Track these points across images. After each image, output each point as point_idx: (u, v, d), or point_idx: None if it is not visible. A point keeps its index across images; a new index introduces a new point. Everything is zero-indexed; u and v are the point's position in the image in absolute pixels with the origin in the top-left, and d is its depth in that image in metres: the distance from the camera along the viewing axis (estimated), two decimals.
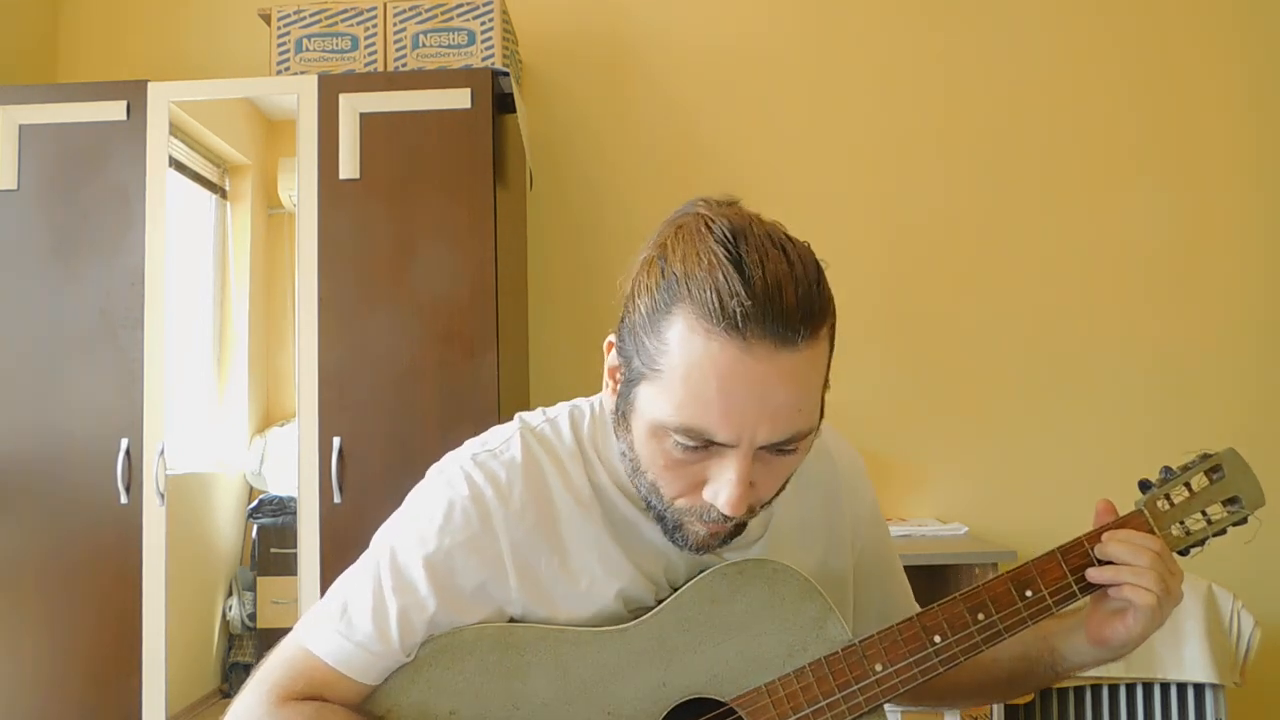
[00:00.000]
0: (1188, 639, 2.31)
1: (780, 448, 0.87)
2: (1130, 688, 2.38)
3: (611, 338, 0.95)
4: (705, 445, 0.86)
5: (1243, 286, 2.78)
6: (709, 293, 0.82)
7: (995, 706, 2.28)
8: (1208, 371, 2.75)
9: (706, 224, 0.86)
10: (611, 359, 0.95)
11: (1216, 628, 2.32)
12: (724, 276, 0.82)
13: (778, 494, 0.94)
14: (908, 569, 1.22)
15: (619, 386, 0.93)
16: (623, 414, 0.92)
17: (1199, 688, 2.34)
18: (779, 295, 0.82)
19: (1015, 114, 2.83)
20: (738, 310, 0.81)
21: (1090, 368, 2.77)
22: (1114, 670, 2.33)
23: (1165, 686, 2.36)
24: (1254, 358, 2.76)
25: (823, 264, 0.88)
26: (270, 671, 0.96)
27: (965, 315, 2.80)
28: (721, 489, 0.87)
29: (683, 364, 0.84)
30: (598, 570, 0.98)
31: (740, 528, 0.95)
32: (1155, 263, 2.78)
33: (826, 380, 0.90)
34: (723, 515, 0.89)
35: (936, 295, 2.80)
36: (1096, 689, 2.39)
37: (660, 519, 0.94)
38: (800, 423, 0.87)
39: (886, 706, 1.03)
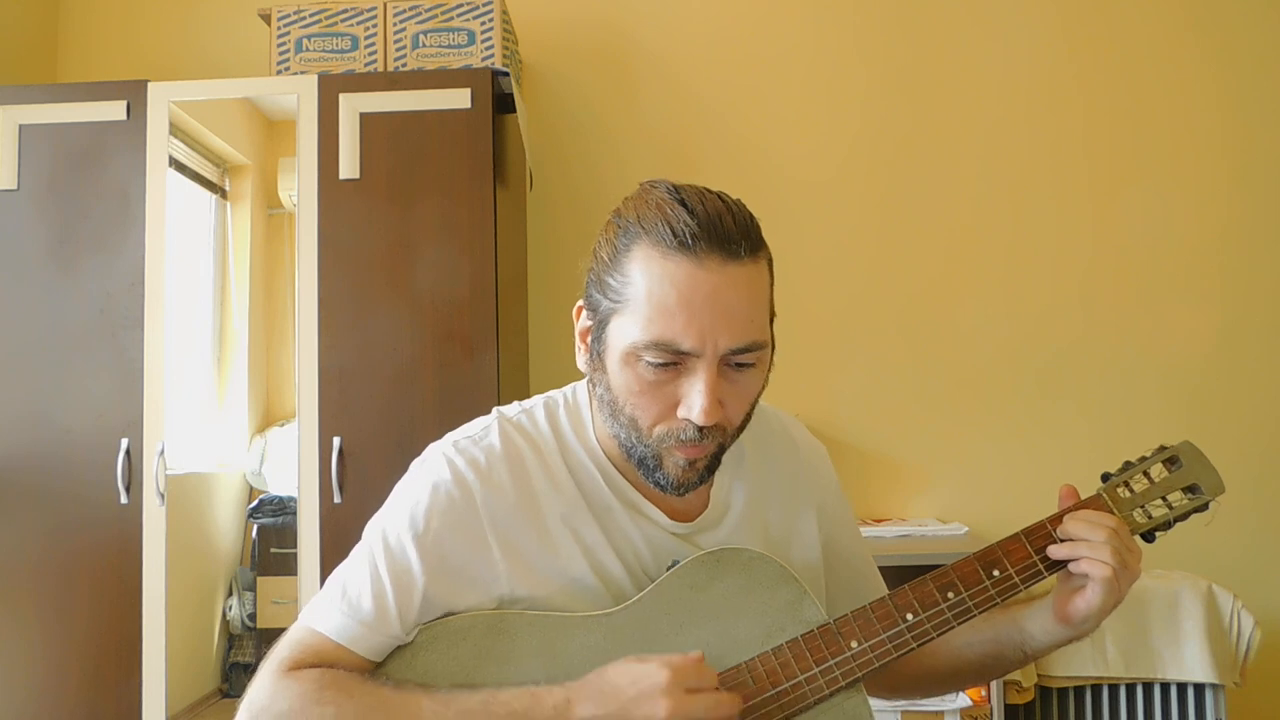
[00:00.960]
0: (1188, 639, 2.31)
1: (740, 360, 0.96)
2: (1130, 688, 2.38)
3: (579, 303, 1.04)
4: (674, 362, 0.95)
5: (1241, 286, 2.77)
6: (661, 224, 0.95)
7: (995, 706, 2.28)
8: (1207, 372, 2.75)
9: (651, 185, 1.01)
10: (581, 322, 1.04)
11: (1216, 628, 2.33)
12: (671, 211, 0.95)
13: (744, 425, 1.02)
14: (909, 569, 1.23)
15: (591, 336, 1.01)
16: (597, 355, 1.00)
17: (1199, 688, 2.34)
18: (719, 220, 0.95)
19: (1015, 112, 2.83)
20: (686, 231, 0.94)
21: (1090, 368, 2.77)
22: (1114, 670, 2.34)
23: (1165, 686, 2.36)
24: (1254, 357, 2.76)
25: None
26: (279, 652, 1.01)
27: (965, 314, 2.80)
28: (695, 400, 0.95)
29: (645, 286, 0.95)
30: (574, 547, 1.04)
31: (715, 461, 1.02)
32: (1155, 265, 2.78)
33: (773, 310, 1.02)
34: (697, 432, 0.96)
35: (937, 294, 2.80)
36: (1097, 689, 2.39)
37: (641, 462, 1.00)
38: (755, 332, 0.97)
39: (883, 705, 1.05)
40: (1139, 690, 2.37)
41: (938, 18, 2.85)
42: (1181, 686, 2.36)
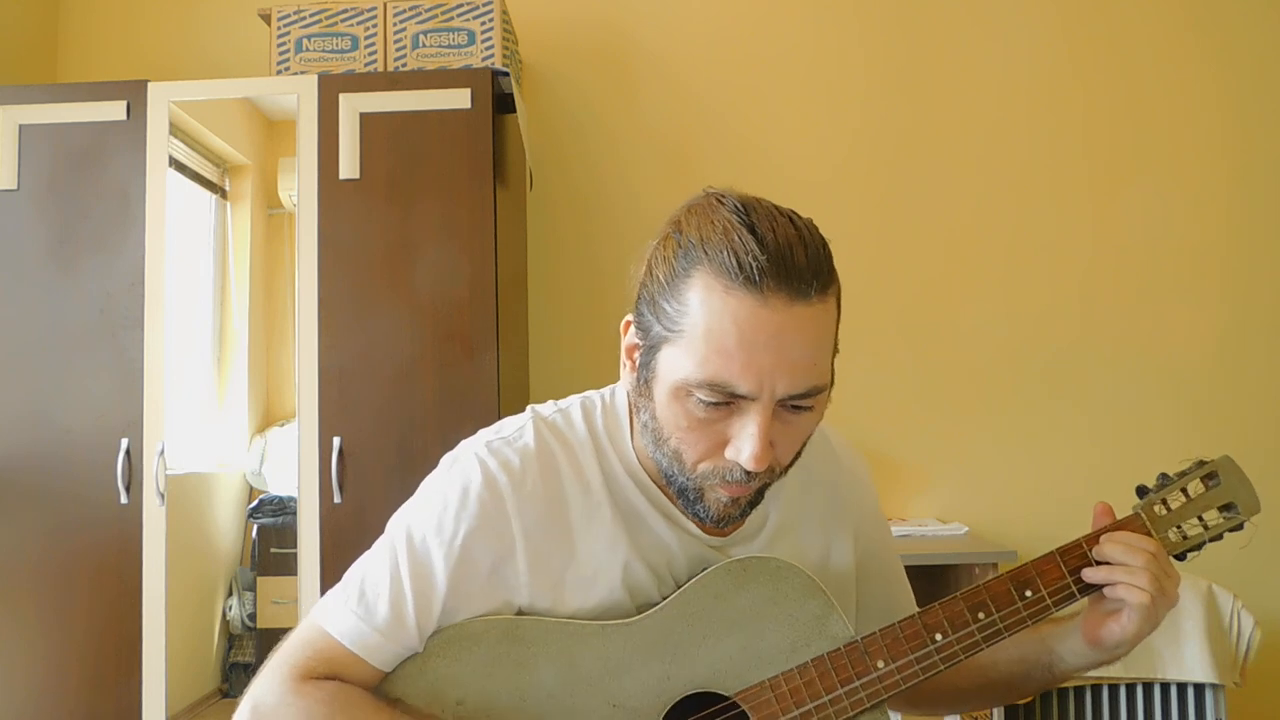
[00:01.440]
0: (1188, 639, 2.31)
1: (797, 403, 0.91)
2: (1130, 688, 2.38)
3: (628, 317, 0.98)
4: (727, 402, 0.90)
5: (1242, 286, 2.77)
6: (726, 253, 0.87)
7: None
8: (1208, 372, 2.75)
9: (718, 199, 0.92)
10: (629, 338, 0.98)
11: (1216, 628, 2.32)
12: (739, 238, 0.87)
13: (792, 463, 0.97)
14: (908, 569, 1.23)
15: (639, 356, 0.95)
16: (645, 382, 0.95)
17: (1199, 688, 2.34)
18: (790, 253, 0.87)
19: (1016, 112, 2.83)
20: (753, 265, 0.86)
21: (1090, 368, 2.77)
22: (1114, 670, 2.33)
23: (1165, 686, 2.36)
24: (1254, 358, 2.76)
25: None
26: (289, 653, 0.98)
27: (966, 315, 2.80)
28: (745, 444, 0.90)
29: (704, 321, 0.88)
30: (604, 557, 1.00)
31: (759, 496, 0.97)
32: (1155, 264, 2.78)
33: (836, 345, 0.95)
34: (745, 474, 0.92)
35: (938, 295, 2.80)
36: (1097, 689, 2.39)
37: (682, 492, 0.96)
38: (816, 377, 0.90)
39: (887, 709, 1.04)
40: (1139, 690, 2.37)
41: (938, 18, 2.85)
42: (1181, 686, 2.35)
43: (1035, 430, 2.76)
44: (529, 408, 1.06)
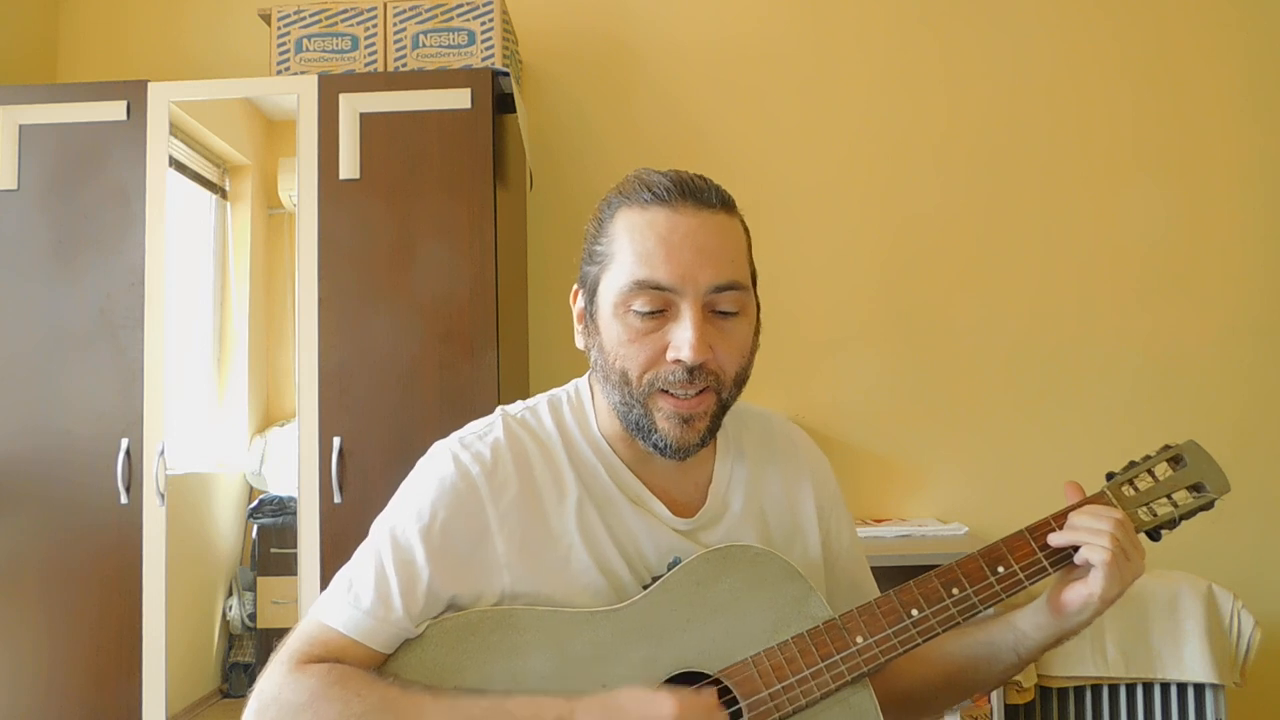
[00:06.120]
0: (1188, 639, 2.31)
1: (724, 308, 1.01)
2: (1130, 688, 2.38)
3: (574, 288, 1.10)
4: (661, 310, 1.00)
5: (1242, 286, 2.77)
6: (638, 187, 1.04)
7: (995, 706, 2.28)
8: (1208, 372, 2.75)
9: (631, 174, 1.08)
10: (577, 305, 1.10)
11: (1216, 628, 2.33)
12: (647, 176, 1.04)
13: (740, 380, 1.05)
14: (909, 569, 1.23)
15: (585, 306, 1.07)
16: (591, 318, 1.06)
17: (1199, 688, 2.34)
18: (691, 180, 1.04)
19: (1012, 111, 2.83)
20: (660, 186, 1.02)
21: (1090, 368, 2.77)
22: (1114, 670, 2.34)
23: (1165, 686, 2.36)
24: (1254, 358, 2.76)
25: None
26: (288, 647, 1.03)
27: (965, 314, 2.80)
28: (682, 339, 0.99)
29: (628, 237, 1.02)
30: (576, 537, 1.05)
31: (715, 424, 1.03)
32: (1154, 262, 2.78)
33: (754, 270, 1.07)
34: (686, 375, 0.99)
35: (936, 294, 2.80)
36: (1097, 689, 2.39)
37: (638, 426, 1.03)
38: (733, 271, 1.02)
39: None
40: (1139, 690, 2.37)
41: (937, 19, 2.85)
42: (1181, 686, 2.36)
43: (1035, 430, 2.76)
44: (498, 408, 1.12)
